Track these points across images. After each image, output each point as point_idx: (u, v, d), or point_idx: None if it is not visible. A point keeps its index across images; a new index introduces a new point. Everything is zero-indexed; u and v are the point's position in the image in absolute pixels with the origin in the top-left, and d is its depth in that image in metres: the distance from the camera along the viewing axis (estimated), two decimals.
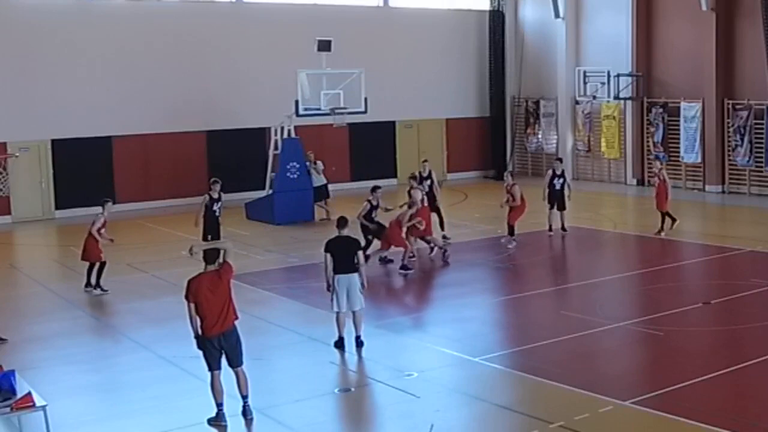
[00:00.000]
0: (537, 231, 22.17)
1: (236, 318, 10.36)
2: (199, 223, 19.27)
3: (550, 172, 22.13)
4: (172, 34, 28.30)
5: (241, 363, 10.38)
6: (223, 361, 10.30)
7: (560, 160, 23.14)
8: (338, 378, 11.88)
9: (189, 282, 10.27)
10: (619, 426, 10.17)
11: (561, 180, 21.73)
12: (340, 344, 12.97)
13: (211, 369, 10.26)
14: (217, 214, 19.39)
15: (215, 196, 19.45)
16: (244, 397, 10.39)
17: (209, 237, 19.02)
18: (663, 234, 21.37)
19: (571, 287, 16.94)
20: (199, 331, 10.19)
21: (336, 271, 12.75)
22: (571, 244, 21.65)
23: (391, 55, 32.01)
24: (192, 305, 10.14)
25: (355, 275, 12.84)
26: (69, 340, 14.18)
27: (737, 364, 11.87)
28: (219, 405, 10.26)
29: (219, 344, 10.18)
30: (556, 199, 21.76)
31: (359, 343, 12.95)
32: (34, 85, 26.34)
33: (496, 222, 22.92)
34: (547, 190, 21.69)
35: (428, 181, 21.23)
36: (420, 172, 21.41)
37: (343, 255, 12.79)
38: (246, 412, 10.35)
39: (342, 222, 13.12)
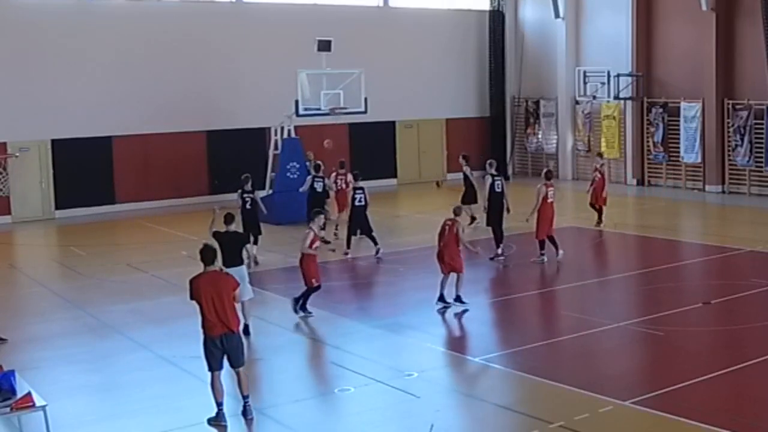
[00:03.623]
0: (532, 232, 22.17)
1: (239, 322, 10.37)
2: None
3: (488, 177, 19.56)
4: (172, 34, 28.30)
5: (242, 363, 10.34)
6: (224, 361, 10.29)
7: (492, 164, 20.23)
8: (338, 378, 11.87)
9: (190, 282, 10.30)
10: (619, 426, 10.17)
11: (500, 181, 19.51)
12: None
13: (211, 369, 10.24)
14: (248, 207, 19.18)
15: (248, 189, 19.47)
16: (245, 397, 10.38)
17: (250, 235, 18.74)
18: (602, 225, 22.61)
19: (571, 287, 16.93)
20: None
21: (225, 264, 12.89)
22: (572, 244, 21.64)
23: (391, 55, 32.01)
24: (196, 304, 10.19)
25: (243, 268, 13.43)
26: (69, 340, 14.18)
27: (737, 364, 11.86)
28: (219, 404, 10.25)
29: (221, 344, 10.14)
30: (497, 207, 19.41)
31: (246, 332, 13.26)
32: (34, 85, 26.34)
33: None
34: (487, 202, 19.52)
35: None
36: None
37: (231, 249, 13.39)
38: (246, 412, 10.34)
39: (229, 218, 13.87)
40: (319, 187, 21.52)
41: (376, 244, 19.81)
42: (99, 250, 21.72)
